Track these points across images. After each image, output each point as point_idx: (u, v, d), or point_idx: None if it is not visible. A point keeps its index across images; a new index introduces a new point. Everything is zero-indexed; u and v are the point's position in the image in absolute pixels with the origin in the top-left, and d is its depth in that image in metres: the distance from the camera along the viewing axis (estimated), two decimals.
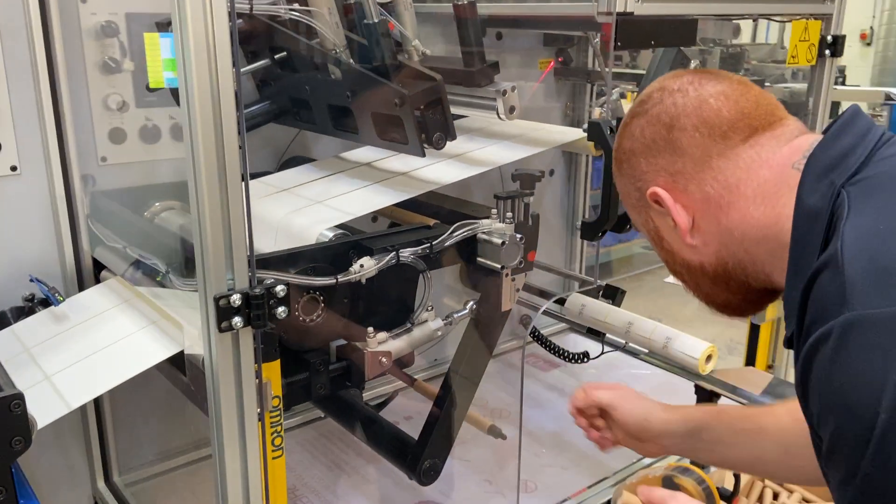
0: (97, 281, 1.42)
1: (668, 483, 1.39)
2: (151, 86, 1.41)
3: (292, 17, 1.33)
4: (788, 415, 1.11)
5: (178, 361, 1.14)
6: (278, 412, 1.03)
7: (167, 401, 1.59)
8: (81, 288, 1.40)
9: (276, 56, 1.48)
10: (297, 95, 1.49)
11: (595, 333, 1.93)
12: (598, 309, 1.72)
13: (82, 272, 1.41)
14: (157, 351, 1.12)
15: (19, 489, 0.98)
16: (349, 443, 1.78)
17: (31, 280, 1.33)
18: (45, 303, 1.33)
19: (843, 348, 0.64)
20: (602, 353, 1.92)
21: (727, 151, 0.84)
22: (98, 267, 1.42)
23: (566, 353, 1.95)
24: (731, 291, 0.90)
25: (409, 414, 1.83)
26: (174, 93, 1.44)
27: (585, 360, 1.93)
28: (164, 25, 1.41)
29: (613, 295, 1.84)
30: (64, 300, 1.27)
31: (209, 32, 0.84)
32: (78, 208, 1.38)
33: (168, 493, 1.58)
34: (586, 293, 1.92)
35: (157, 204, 1.46)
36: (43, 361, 1.17)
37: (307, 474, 1.68)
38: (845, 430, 0.64)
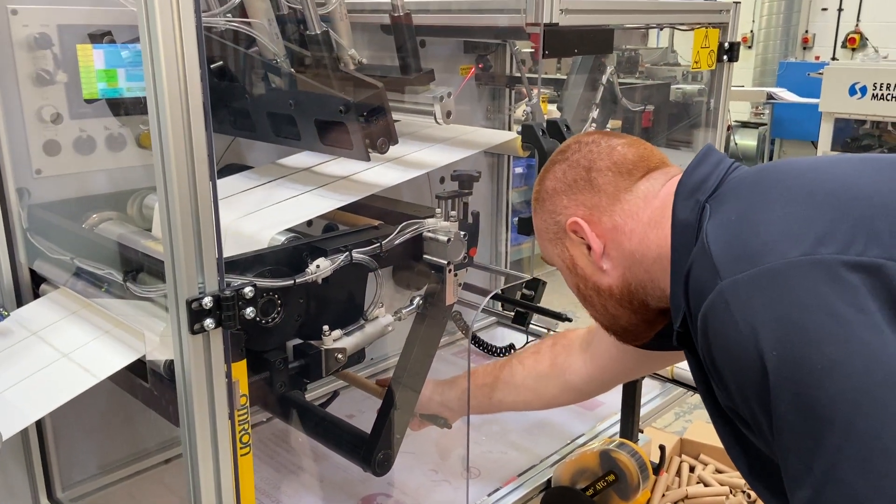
0: (36, 295, 1.40)
1: (605, 457, 1.51)
2: (86, 97, 1.41)
3: (231, 27, 1.36)
4: (519, 363, 1.54)
5: (137, 369, 1.15)
6: (245, 410, 1.07)
7: (110, 413, 1.58)
8: (20, 302, 1.38)
9: (212, 66, 1.50)
10: (234, 104, 1.51)
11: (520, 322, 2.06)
12: None
13: (20, 286, 1.38)
14: (116, 359, 1.13)
15: None
16: (293, 444, 1.81)
17: None
18: None
19: (724, 311, 0.81)
20: (527, 342, 2.04)
21: (631, 186, 1.04)
22: (36, 280, 1.40)
23: (492, 348, 2.08)
24: (633, 311, 1.08)
25: (350, 413, 1.87)
26: (110, 103, 1.45)
27: (511, 351, 2.05)
28: (96, 37, 1.42)
29: (535, 287, 1.96)
30: (9, 315, 1.25)
31: (177, 44, 0.87)
32: (15, 222, 1.36)
33: None
34: (512, 288, 2.04)
35: (94, 215, 1.45)
36: None
37: (255, 477, 1.69)
38: (746, 378, 0.79)
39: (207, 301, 0.94)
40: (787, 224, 0.82)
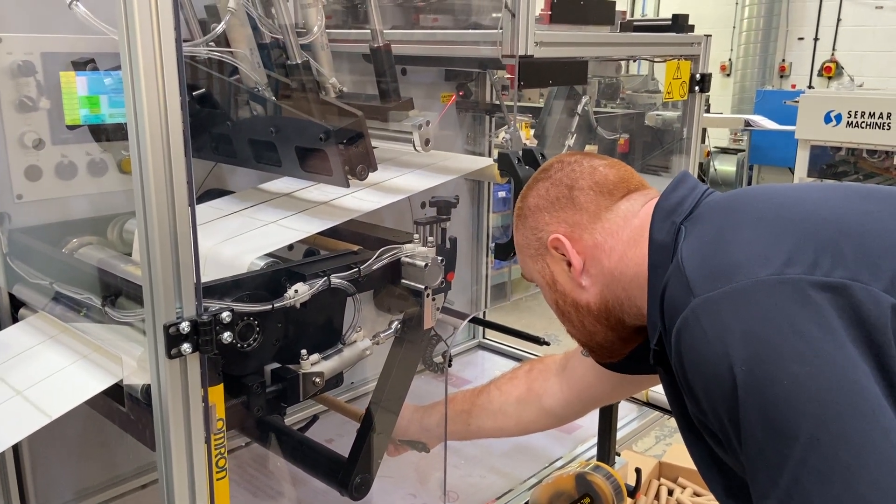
0: (14, 319, 1.40)
1: (581, 480, 1.52)
2: (68, 123, 1.43)
3: (213, 56, 1.38)
4: (496, 388, 1.55)
5: (115, 393, 1.16)
6: (222, 434, 1.08)
7: (87, 437, 1.58)
8: None
9: (195, 93, 1.52)
10: (216, 130, 1.53)
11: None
12: None
13: None
14: (93, 383, 1.13)
15: None
16: (272, 469, 1.81)
17: None
18: None
19: (696, 327, 0.84)
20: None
21: (611, 205, 1.07)
22: (15, 305, 1.40)
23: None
24: (609, 328, 1.10)
25: (330, 437, 1.88)
26: (92, 129, 1.46)
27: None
28: (80, 64, 1.44)
29: None
30: None
31: (158, 72, 0.89)
32: None
33: None
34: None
35: (74, 240, 1.46)
36: None
37: (233, 502, 1.69)
38: (716, 391, 0.82)
39: (185, 326, 0.95)
40: (757, 245, 0.85)
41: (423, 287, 1.32)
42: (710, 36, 1.84)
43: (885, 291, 0.78)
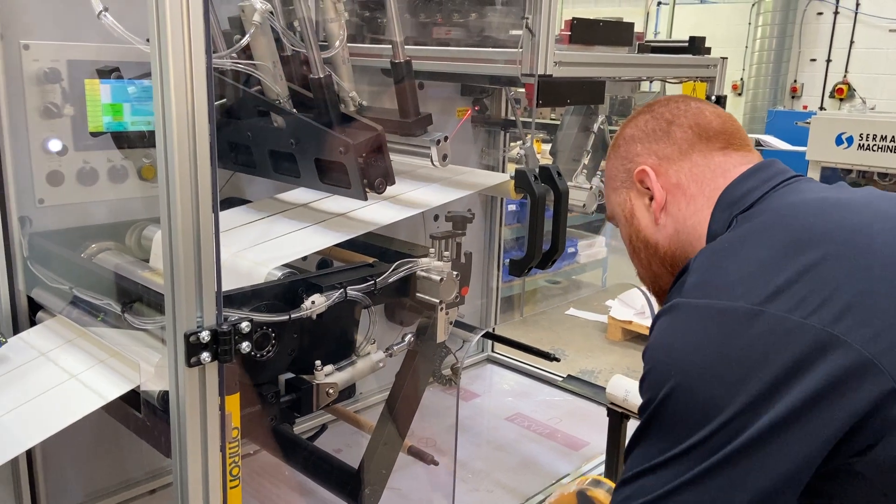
0: (32, 322, 1.41)
1: (582, 496, 1.51)
2: (91, 130, 1.45)
3: (237, 68, 1.40)
4: None
5: (131, 399, 1.17)
6: (237, 443, 1.09)
7: (99, 442, 1.59)
8: (16, 329, 1.40)
9: (217, 103, 1.53)
10: (236, 140, 1.55)
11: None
12: None
13: (17, 313, 1.40)
14: (110, 389, 1.14)
15: None
16: (280, 478, 1.81)
17: None
18: None
19: (667, 319, 0.88)
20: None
21: (706, 151, 1.04)
22: (33, 308, 1.42)
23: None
24: (672, 275, 1.06)
25: (338, 447, 1.88)
26: (115, 136, 1.48)
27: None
28: (105, 72, 1.46)
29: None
30: (6, 341, 1.27)
31: (188, 83, 0.91)
32: (15, 250, 1.38)
33: None
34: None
35: (93, 245, 1.47)
36: None
37: None
38: (650, 374, 0.87)
39: (205, 335, 0.96)
40: (756, 269, 0.84)
41: (437, 301, 1.33)
42: (727, 59, 1.85)
43: (864, 345, 0.76)
